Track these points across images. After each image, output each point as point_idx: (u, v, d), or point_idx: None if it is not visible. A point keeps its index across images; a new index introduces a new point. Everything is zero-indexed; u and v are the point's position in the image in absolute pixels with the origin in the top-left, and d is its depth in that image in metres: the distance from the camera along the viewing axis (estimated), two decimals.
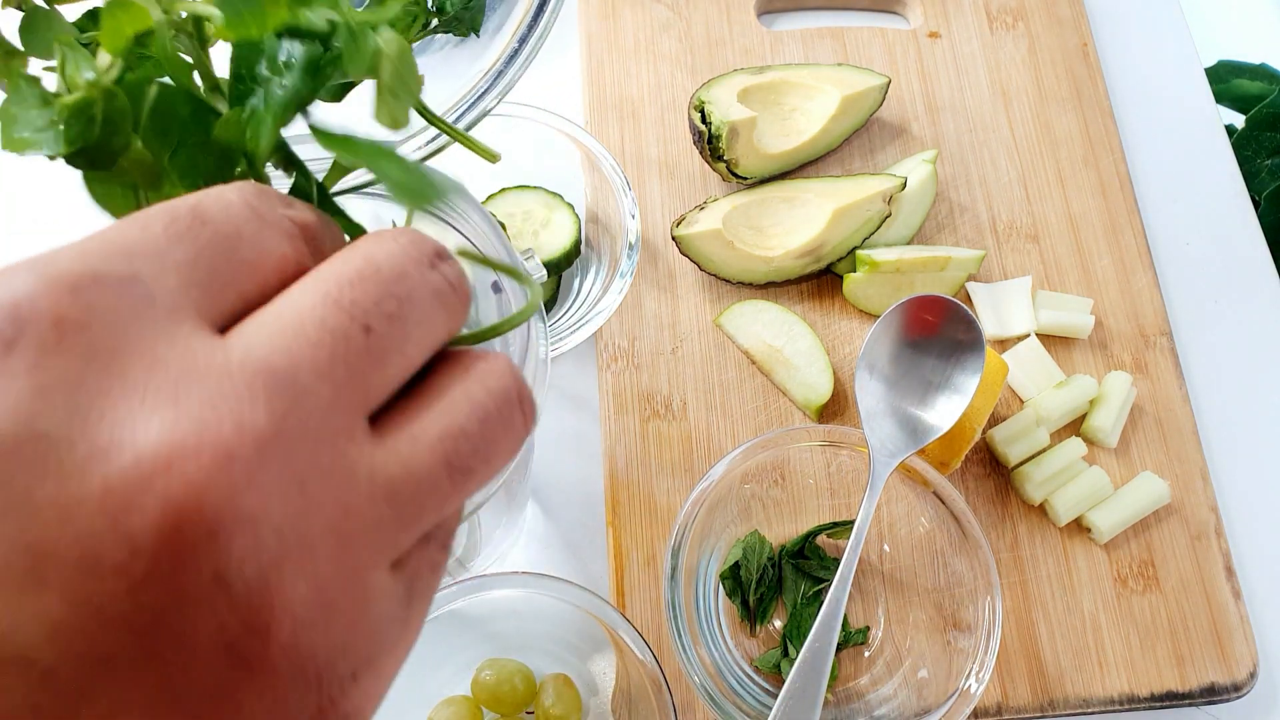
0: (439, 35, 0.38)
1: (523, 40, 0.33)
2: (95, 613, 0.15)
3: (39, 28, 0.26)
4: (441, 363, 0.20)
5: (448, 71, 0.71)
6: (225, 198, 0.19)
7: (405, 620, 0.19)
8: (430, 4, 0.37)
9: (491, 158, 0.28)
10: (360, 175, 0.27)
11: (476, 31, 0.37)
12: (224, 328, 0.18)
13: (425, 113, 0.27)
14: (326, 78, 0.22)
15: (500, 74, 0.33)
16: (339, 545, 0.17)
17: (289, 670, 0.16)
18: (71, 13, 0.28)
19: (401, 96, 0.24)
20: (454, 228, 0.38)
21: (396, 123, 0.24)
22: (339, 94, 0.27)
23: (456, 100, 0.33)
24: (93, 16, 0.27)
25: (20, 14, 0.27)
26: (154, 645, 0.15)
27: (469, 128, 0.32)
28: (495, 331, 0.22)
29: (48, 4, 0.27)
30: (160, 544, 0.15)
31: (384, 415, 0.19)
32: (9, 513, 0.15)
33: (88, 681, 0.15)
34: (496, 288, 0.38)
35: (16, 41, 0.26)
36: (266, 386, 0.16)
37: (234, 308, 0.18)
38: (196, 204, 0.19)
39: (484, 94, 0.35)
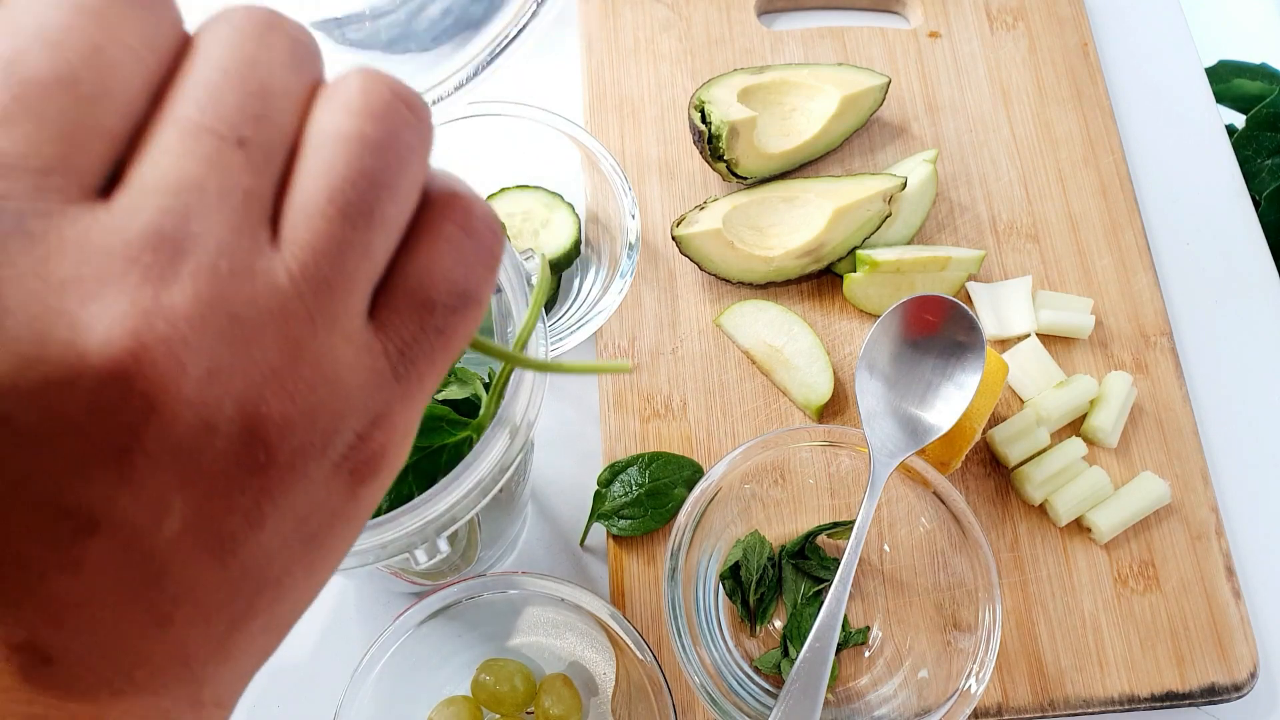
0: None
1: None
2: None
3: None
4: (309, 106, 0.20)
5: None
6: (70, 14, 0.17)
7: (403, 380, 0.20)
8: None
9: (625, 369, 0.28)
10: None
11: None
12: (109, 183, 0.17)
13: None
14: None
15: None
16: (288, 343, 0.18)
17: (296, 459, 0.18)
18: None
19: None
20: None
21: None
22: None
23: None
24: None
25: None
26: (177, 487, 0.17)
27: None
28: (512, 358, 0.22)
29: None
30: (114, 430, 0.16)
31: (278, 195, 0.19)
32: None
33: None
34: (496, 289, 0.38)
35: None
36: (160, 257, 0.16)
37: (99, 158, 0.17)
38: (13, 51, 0.16)
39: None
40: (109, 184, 0.17)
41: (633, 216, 0.55)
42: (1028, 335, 0.59)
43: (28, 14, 0.17)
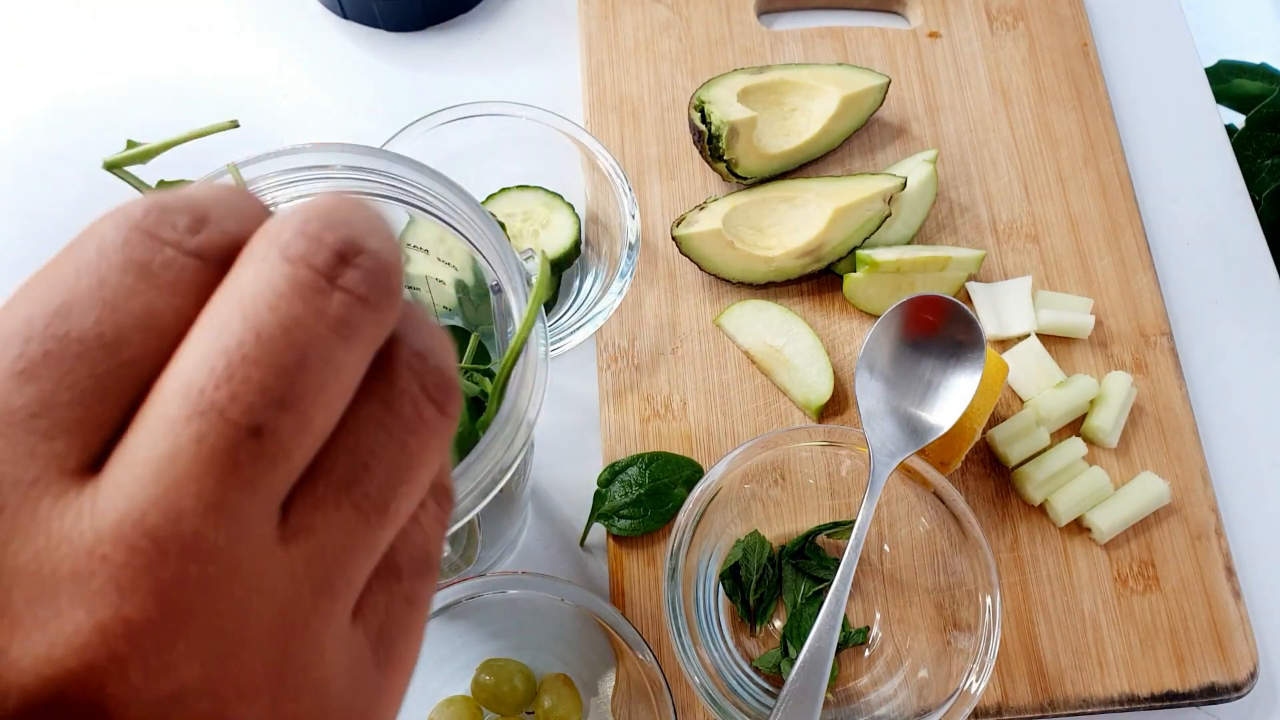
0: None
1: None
2: None
3: None
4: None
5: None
6: (102, 256, 0.16)
7: (384, 666, 0.18)
8: None
9: None
10: None
11: None
12: (102, 457, 0.15)
13: None
14: None
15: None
16: (276, 651, 0.15)
17: None
18: None
19: None
20: (455, 229, 0.38)
21: None
22: None
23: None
24: None
25: None
26: None
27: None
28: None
29: None
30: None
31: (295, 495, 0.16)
32: None
33: None
34: (496, 289, 0.38)
35: None
36: (146, 560, 0.14)
37: (111, 426, 0.15)
38: (62, 303, 0.15)
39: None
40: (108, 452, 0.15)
41: (633, 216, 0.55)
42: (1027, 335, 0.59)
43: (89, 266, 0.15)
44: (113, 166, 0.28)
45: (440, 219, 0.38)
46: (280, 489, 0.15)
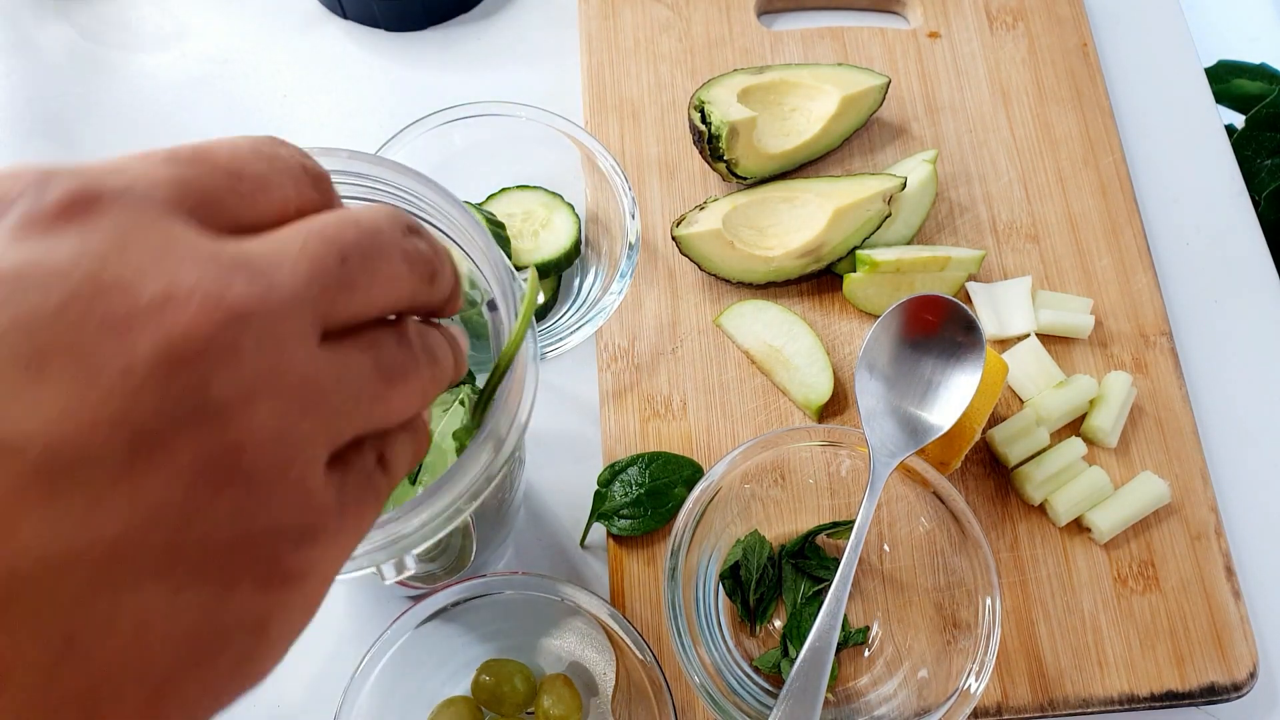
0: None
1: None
2: (90, 410, 0.17)
3: None
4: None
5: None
6: (234, 144, 0.22)
7: (340, 512, 0.21)
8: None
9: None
10: None
11: None
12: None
13: None
14: None
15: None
16: (298, 405, 0.20)
17: (261, 480, 0.19)
18: None
19: None
20: (454, 240, 0.38)
21: None
22: None
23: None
24: None
25: None
26: (138, 451, 0.17)
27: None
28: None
29: None
30: (156, 359, 0.17)
31: (336, 335, 0.22)
32: (22, 321, 0.17)
33: (69, 478, 0.16)
34: (492, 305, 0.37)
35: None
36: (247, 271, 0.19)
37: (229, 226, 0.20)
38: (202, 145, 0.21)
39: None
40: None
41: (633, 216, 0.55)
42: (1027, 335, 0.59)
43: (230, 138, 0.23)
44: None
45: (443, 233, 0.38)
46: (334, 311, 0.21)
